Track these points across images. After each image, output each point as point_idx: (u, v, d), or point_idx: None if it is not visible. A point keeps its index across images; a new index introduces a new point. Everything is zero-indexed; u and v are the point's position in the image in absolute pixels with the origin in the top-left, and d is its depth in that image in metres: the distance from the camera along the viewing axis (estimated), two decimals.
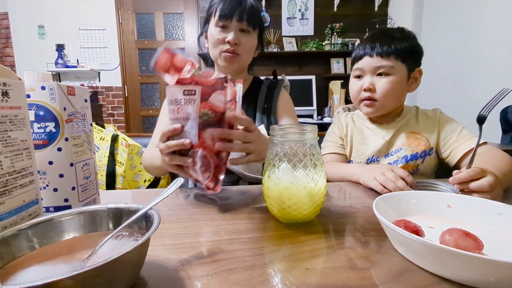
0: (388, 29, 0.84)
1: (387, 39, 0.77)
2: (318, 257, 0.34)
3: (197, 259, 0.34)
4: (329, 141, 0.90)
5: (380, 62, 0.77)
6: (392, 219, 0.40)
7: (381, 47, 0.77)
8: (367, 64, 0.79)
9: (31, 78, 0.44)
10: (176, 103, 0.48)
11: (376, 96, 0.79)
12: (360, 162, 0.84)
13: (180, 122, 0.49)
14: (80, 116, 0.49)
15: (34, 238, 0.30)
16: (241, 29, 0.81)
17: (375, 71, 0.78)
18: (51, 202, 0.45)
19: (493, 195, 0.50)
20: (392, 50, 0.76)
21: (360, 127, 0.88)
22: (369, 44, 0.79)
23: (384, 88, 0.77)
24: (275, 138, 0.43)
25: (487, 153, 0.68)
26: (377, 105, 0.80)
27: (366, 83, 0.79)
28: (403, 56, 0.77)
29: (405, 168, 0.79)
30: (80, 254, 0.30)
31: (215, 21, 0.80)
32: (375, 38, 0.79)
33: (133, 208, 0.34)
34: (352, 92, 0.85)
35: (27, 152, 0.39)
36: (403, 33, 0.80)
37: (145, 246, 0.30)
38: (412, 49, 0.78)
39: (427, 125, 0.82)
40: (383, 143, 0.82)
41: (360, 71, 0.81)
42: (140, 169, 1.15)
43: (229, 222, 0.45)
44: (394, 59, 0.76)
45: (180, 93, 0.47)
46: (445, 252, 0.27)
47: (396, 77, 0.77)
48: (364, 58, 0.79)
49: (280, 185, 0.42)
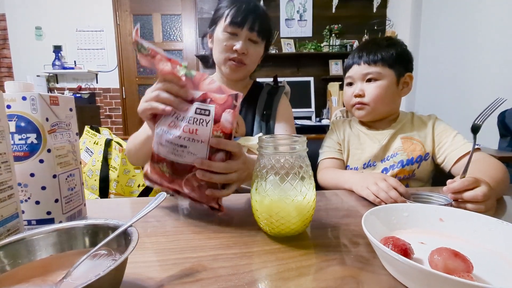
0: (376, 39, 0.89)
1: (373, 47, 0.82)
2: (304, 276, 0.33)
3: (179, 278, 0.33)
4: (327, 146, 0.90)
5: (367, 69, 0.81)
6: (382, 233, 0.39)
7: (368, 56, 0.81)
8: (355, 72, 0.83)
9: (12, 88, 0.43)
10: (180, 119, 0.46)
11: (366, 101, 0.82)
12: (357, 167, 0.85)
13: (180, 142, 0.45)
14: (64, 126, 0.47)
15: (5, 259, 0.29)
16: (250, 38, 0.79)
17: (364, 77, 0.82)
18: (33, 215, 0.44)
19: (486, 205, 0.49)
20: (378, 58, 0.80)
21: (356, 132, 0.89)
22: (357, 54, 0.84)
23: (372, 92, 0.81)
24: (262, 150, 0.42)
25: (480, 161, 0.67)
26: (367, 108, 0.83)
27: (356, 89, 0.83)
28: (389, 62, 0.80)
29: (401, 173, 0.79)
30: (55, 275, 0.29)
31: (224, 26, 0.77)
32: (363, 48, 0.84)
33: (111, 225, 0.33)
34: (345, 99, 0.89)
35: (6, 165, 0.38)
36: (390, 41, 0.84)
37: (121, 269, 0.28)
38: (399, 55, 0.81)
39: (422, 130, 0.83)
40: (379, 148, 0.82)
41: (351, 79, 0.86)
42: (134, 174, 1.13)
43: (216, 236, 0.44)
44: (381, 66, 0.80)
45: (191, 110, 0.45)
46: (433, 276, 0.26)
47: (384, 82, 0.80)
48: (353, 67, 0.84)
49: (268, 198, 0.41)
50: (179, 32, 3.55)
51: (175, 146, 0.45)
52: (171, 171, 0.47)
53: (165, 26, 3.54)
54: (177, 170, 0.47)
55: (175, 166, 0.47)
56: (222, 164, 0.46)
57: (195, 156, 0.45)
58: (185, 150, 0.45)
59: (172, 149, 0.46)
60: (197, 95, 0.47)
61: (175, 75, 0.47)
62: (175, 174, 0.48)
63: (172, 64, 0.47)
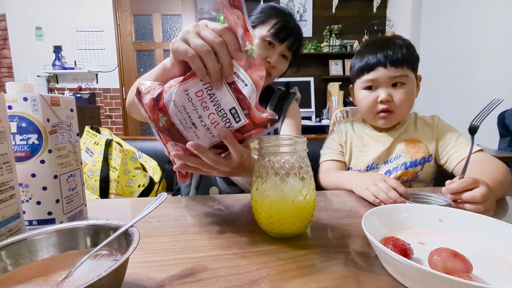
0: (389, 38, 0.80)
1: (396, 48, 0.74)
2: (304, 276, 0.33)
3: (180, 278, 0.33)
4: (328, 147, 0.89)
5: (395, 72, 0.74)
6: (382, 233, 0.39)
7: (394, 56, 0.73)
8: (381, 75, 0.75)
9: (13, 89, 0.43)
10: (211, 98, 0.39)
11: (393, 107, 0.76)
12: (360, 170, 0.84)
13: (196, 121, 0.40)
14: (65, 126, 0.48)
15: (7, 259, 0.29)
16: (284, 54, 0.82)
17: (391, 82, 0.75)
18: (34, 215, 0.44)
19: (485, 205, 0.49)
20: (403, 58, 0.74)
21: (359, 134, 0.87)
22: (380, 54, 0.74)
23: (401, 98, 0.75)
24: (262, 150, 0.42)
25: (481, 162, 0.67)
26: (394, 116, 0.78)
27: (382, 95, 0.75)
28: (412, 64, 0.76)
29: (404, 175, 0.79)
30: (56, 275, 0.29)
31: (264, 33, 0.78)
32: (382, 47, 0.75)
33: (112, 225, 0.33)
34: (365, 105, 0.80)
35: (7, 166, 0.38)
36: (405, 41, 0.78)
37: (122, 269, 0.29)
38: (416, 56, 0.78)
39: (425, 132, 0.82)
40: (382, 150, 0.81)
41: (373, 82, 0.77)
42: (134, 175, 1.13)
43: (216, 236, 0.44)
44: (406, 68, 0.75)
45: (227, 103, 0.39)
46: (432, 276, 0.26)
47: (410, 86, 0.76)
48: (378, 69, 0.75)
49: (268, 198, 0.41)
50: (179, 32, 3.54)
51: (187, 119, 0.41)
52: (166, 127, 0.43)
53: (165, 26, 3.55)
54: (173, 132, 0.43)
55: (173, 128, 0.42)
56: (213, 157, 0.43)
57: (197, 139, 0.42)
58: (194, 129, 0.41)
59: (182, 118, 0.41)
60: (240, 85, 0.40)
61: (238, 44, 0.38)
62: (169, 132, 0.44)
63: (245, 35, 0.38)
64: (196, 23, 0.40)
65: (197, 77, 0.39)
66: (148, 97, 0.44)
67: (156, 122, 0.45)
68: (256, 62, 0.41)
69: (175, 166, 0.46)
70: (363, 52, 0.79)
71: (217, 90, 0.39)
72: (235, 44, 0.38)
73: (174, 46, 0.40)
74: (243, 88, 0.40)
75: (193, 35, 0.38)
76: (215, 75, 0.38)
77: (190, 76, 0.40)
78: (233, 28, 0.38)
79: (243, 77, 0.41)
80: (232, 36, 0.38)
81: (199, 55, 0.37)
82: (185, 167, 0.45)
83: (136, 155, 1.16)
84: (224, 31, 0.38)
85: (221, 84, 0.39)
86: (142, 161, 1.24)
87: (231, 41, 0.37)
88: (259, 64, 0.41)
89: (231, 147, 0.42)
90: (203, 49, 0.37)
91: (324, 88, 3.43)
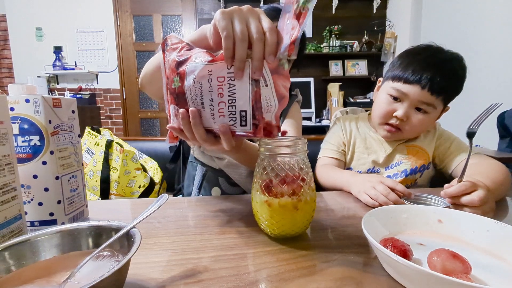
0: (449, 57, 0.73)
1: (445, 72, 0.69)
2: (304, 277, 0.34)
3: (181, 279, 0.33)
4: (331, 143, 0.88)
5: (427, 98, 0.70)
6: (381, 234, 0.40)
7: (439, 84, 0.68)
8: (413, 93, 0.70)
9: (15, 91, 0.43)
10: (230, 87, 0.38)
11: (403, 127, 0.75)
12: (360, 171, 0.83)
13: (207, 104, 0.40)
14: (66, 128, 0.48)
15: (10, 260, 0.29)
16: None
17: (417, 104, 0.72)
18: (36, 216, 0.44)
19: (484, 209, 0.49)
20: (446, 90, 0.70)
21: (364, 135, 0.87)
22: (427, 73, 0.69)
23: (416, 124, 0.74)
24: (262, 152, 0.42)
25: (480, 163, 0.67)
26: (399, 135, 0.77)
27: (400, 112, 0.73)
28: (449, 97, 0.73)
29: (403, 182, 0.77)
30: (59, 276, 0.29)
31: None
32: (434, 65, 0.70)
33: (114, 226, 0.34)
34: (381, 110, 0.78)
35: (10, 167, 0.38)
36: (461, 65, 0.72)
37: (124, 270, 0.29)
38: (459, 90, 0.73)
39: (427, 138, 0.82)
40: (384, 156, 0.81)
41: (401, 94, 0.73)
42: (134, 175, 1.14)
43: (217, 237, 0.45)
44: (440, 100, 0.71)
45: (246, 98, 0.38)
46: (431, 277, 0.26)
47: (432, 115, 0.74)
48: (414, 86, 0.70)
49: (268, 200, 0.41)
50: (179, 33, 3.56)
51: (198, 96, 0.40)
52: (177, 92, 0.43)
53: (165, 27, 3.55)
54: (179, 99, 0.43)
55: (182, 97, 0.42)
56: (203, 136, 0.43)
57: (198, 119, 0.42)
58: (200, 108, 0.41)
59: (194, 93, 0.40)
60: (262, 83, 0.39)
61: (276, 48, 0.37)
62: (177, 96, 0.43)
63: (290, 46, 0.37)
64: (252, 8, 0.39)
65: (225, 63, 0.39)
66: (174, 54, 0.43)
67: (170, 82, 0.44)
68: (284, 72, 0.40)
69: (169, 125, 0.46)
70: (412, 58, 0.74)
71: (238, 83, 0.38)
72: (272, 46, 0.37)
73: (218, 18, 0.38)
74: (263, 87, 0.40)
75: (241, 19, 0.38)
76: (239, 62, 0.37)
77: (220, 59, 0.39)
78: (281, 33, 0.38)
79: (266, 77, 0.40)
80: (274, 38, 0.37)
81: (234, 39, 0.37)
82: (178, 131, 0.45)
83: (136, 156, 1.16)
84: (271, 30, 0.37)
85: (241, 75, 0.38)
86: (143, 162, 1.24)
87: (271, 42, 0.37)
88: (286, 76, 0.40)
89: (224, 141, 0.42)
90: (240, 36, 0.37)
91: (324, 89, 3.43)
